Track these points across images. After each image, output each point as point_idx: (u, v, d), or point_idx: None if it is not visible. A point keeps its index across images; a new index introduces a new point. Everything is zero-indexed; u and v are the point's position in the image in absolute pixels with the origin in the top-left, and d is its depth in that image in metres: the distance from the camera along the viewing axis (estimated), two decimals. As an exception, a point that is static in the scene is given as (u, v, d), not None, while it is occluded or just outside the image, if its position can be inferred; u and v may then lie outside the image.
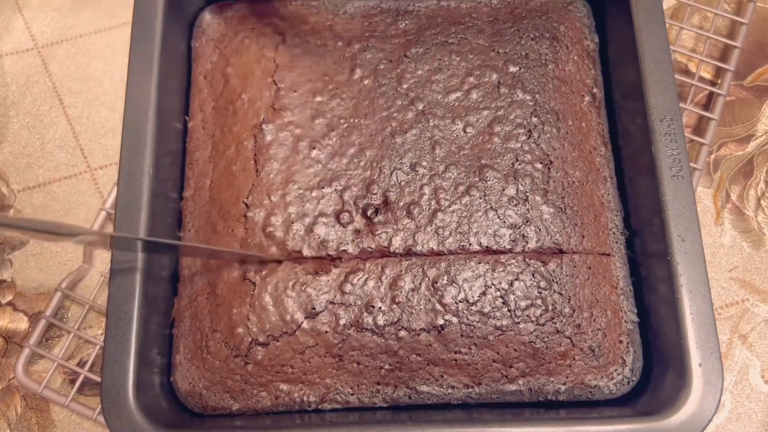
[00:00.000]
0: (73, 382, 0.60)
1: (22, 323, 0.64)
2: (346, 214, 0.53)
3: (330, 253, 0.52)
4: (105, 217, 0.64)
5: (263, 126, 0.55)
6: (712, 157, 0.67)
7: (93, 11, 0.73)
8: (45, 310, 0.61)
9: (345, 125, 0.55)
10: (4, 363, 0.62)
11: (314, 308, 0.51)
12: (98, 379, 0.59)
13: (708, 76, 0.69)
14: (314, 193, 0.54)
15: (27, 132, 0.69)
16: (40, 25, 0.72)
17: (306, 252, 0.52)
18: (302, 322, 0.50)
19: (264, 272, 0.52)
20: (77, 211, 0.66)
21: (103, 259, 0.64)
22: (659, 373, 0.51)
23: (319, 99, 0.56)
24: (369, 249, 0.52)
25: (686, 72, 0.69)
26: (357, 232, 0.53)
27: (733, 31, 0.69)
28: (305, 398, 0.51)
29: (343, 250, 0.52)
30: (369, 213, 0.53)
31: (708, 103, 0.67)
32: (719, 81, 0.67)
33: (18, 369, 0.60)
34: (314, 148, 0.55)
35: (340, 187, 0.54)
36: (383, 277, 0.51)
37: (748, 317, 0.62)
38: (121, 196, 0.51)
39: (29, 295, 0.64)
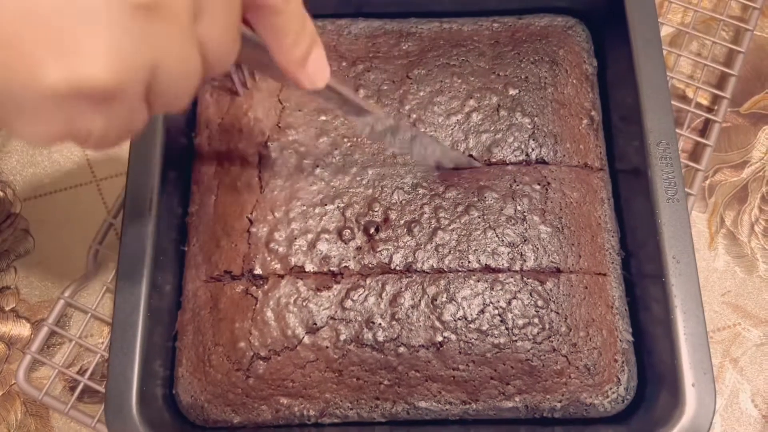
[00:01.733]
0: (73, 389, 0.61)
1: (24, 330, 0.64)
2: (348, 230, 0.54)
3: (332, 268, 0.53)
4: (108, 227, 0.65)
5: (268, 144, 0.56)
6: (707, 182, 0.68)
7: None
8: (47, 318, 0.62)
9: (348, 144, 0.56)
10: (6, 369, 0.63)
11: (315, 323, 0.51)
12: (98, 387, 0.60)
13: (705, 103, 0.70)
14: (317, 210, 0.54)
15: (34, 142, 0.69)
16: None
17: (308, 267, 0.53)
18: (303, 337, 0.51)
19: (266, 287, 0.52)
20: (82, 220, 0.67)
21: (105, 267, 0.65)
22: (653, 393, 0.51)
23: (323, 118, 0.57)
24: (370, 265, 0.53)
25: (683, 98, 0.70)
26: (359, 248, 0.53)
27: (730, 59, 0.70)
28: (305, 412, 0.52)
29: (345, 266, 0.53)
30: (370, 230, 0.54)
31: (704, 129, 0.68)
32: (716, 108, 0.68)
33: (19, 375, 0.60)
34: (318, 166, 0.55)
35: (342, 205, 0.55)
36: (383, 294, 0.52)
37: (740, 341, 0.63)
38: (128, 211, 0.51)
39: (32, 303, 0.65)
